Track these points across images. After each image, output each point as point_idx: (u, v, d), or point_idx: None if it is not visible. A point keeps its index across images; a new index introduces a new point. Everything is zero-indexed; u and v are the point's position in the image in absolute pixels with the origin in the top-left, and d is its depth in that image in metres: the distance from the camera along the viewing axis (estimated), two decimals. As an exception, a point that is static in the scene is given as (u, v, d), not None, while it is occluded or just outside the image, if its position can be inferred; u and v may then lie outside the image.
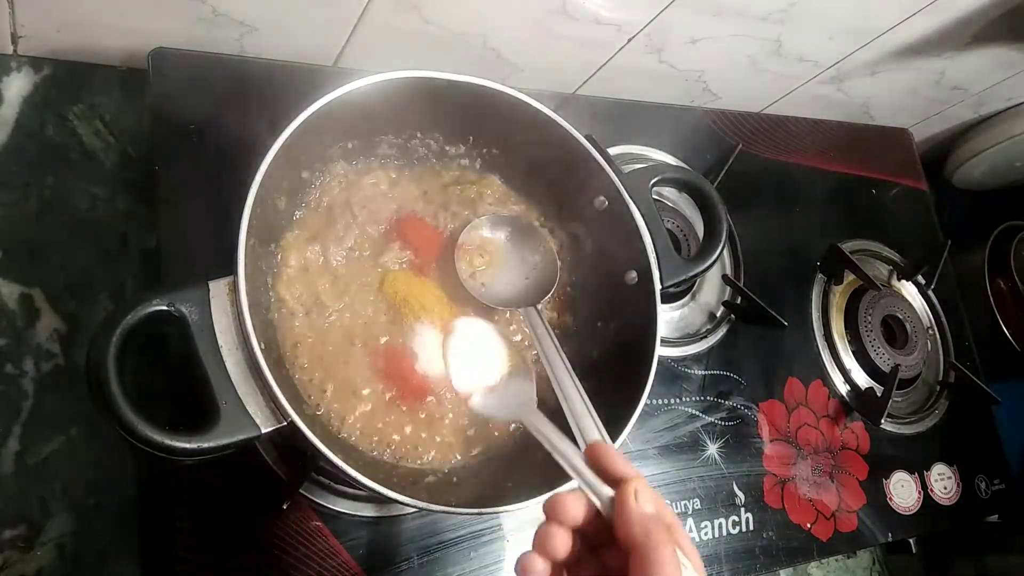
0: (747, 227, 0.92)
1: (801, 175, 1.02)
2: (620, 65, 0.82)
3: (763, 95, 0.98)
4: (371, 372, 0.56)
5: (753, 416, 0.84)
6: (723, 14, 0.76)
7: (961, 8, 0.82)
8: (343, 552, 0.60)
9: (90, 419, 0.56)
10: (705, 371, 0.83)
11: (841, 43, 0.86)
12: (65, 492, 0.54)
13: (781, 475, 0.83)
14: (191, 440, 0.41)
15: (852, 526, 0.85)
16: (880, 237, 1.04)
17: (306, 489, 0.59)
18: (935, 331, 1.03)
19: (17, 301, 0.57)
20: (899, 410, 0.96)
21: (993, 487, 0.98)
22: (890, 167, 1.12)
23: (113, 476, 0.55)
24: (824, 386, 0.91)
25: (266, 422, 0.43)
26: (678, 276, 0.59)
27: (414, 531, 0.63)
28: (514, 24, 0.72)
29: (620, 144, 0.87)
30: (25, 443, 0.54)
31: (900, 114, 1.12)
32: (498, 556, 0.65)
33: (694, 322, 0.86)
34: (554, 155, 0.60)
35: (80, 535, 0.54)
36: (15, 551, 0.52)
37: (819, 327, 0.94)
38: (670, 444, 0.78)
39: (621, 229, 0.59)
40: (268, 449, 0.59)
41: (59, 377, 0.56)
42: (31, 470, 0.54)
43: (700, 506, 0.77)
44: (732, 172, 0.91)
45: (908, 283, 1.04)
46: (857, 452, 0.89)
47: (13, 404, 0.55)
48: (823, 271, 0.97)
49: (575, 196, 0.62)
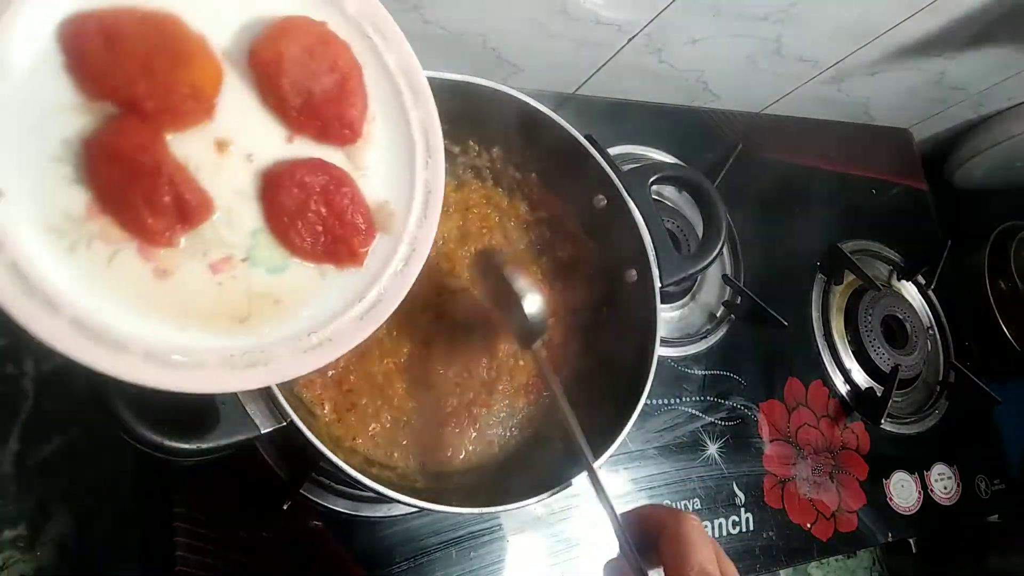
0: (747, 227, 0.92)
1: (801, 175, 1.02)
2: (620, 65, 0.82)
3: (763, 95, 0.98)
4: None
5: (753, 416, 0.84)
6: (723, 14, 0.76)
7: (961, 8, 0.82)
8: (343, 552, 0.60)
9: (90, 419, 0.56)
10: (705, 371, 0.83)
11: (841, 43, 0.86)
12: (65, 492, 0.54)
13: (781, 475, 0.83)
14: (190, 440, 0.41)
15: (852, 526, 0.85)
16: (880, 237, 1.04)
17: (306, 489, 0.59)
18: (935, 331, 1.03)
19: (17, 301, 0.57)
20: (899, 410, 0.96)
21: (993, 487, 0.98)
22: (890, 167, 1.12)
23: (113, 476, 0.55)
24: (824, 386, 0.91)
25: (265, 422, 0.43)
26: (678, 274, 0.59)
27: (414, 531, 0.63)
28: (514, 24, 0.72)
29: (620, 144, 0.87)
30: (25, 443, 0.54)
31: (900, 114, 1.12)
32: (498, 556, 0.65)
33: (694, 322, 0.86)
34: (554, 155, 0.60)
35: (80, 535, 0.54)
36: (15, 551, 0.52)
37: (819, 327, 0.94)
38: (670, 444, 0.78)
39: (620, 227, 0.59)
40: (268, 449, 0.59)
41: (59, 377, 0.56)
42: (31, 470, 0.54)
43: (700, 506, 0.77)
44: (732, 172, 0.91)
45: (908, 283, 1.04)
46: (857, 452, 0.89)
47: (13, 404, 0.55)
48: (823, 271, 0.97)
49: (574, 195, 0.62)
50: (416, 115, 0.41)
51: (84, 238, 0.31)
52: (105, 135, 0.32)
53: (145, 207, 0.32)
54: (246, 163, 0.36)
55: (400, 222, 0.40)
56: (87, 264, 0.32)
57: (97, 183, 0.32)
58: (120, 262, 0.32)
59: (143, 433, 0.39)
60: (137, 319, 0.32)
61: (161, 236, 0.33)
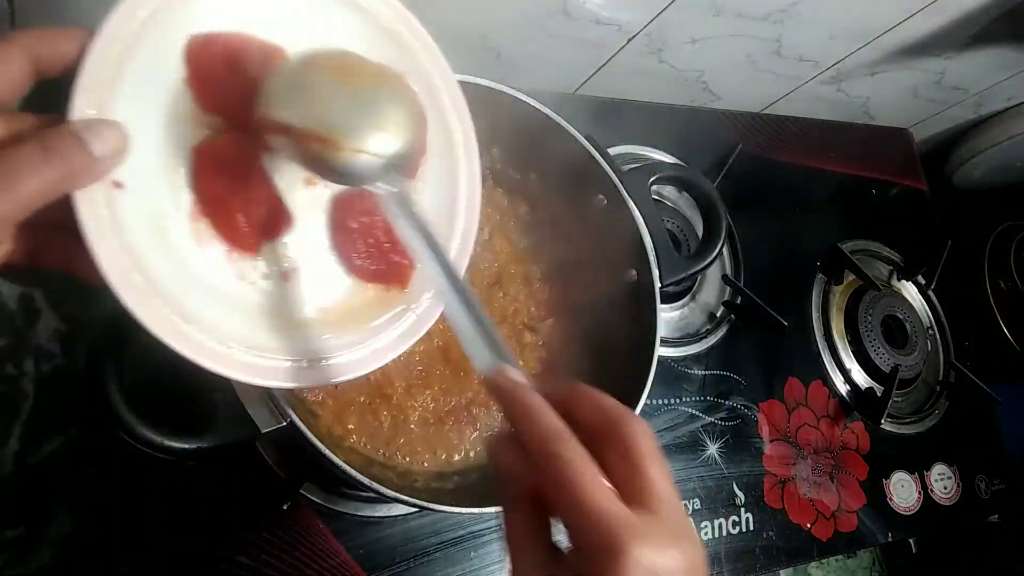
0: (747, 227, 0.92)
1: (801, 175, 1.02)
2: (620, 65, 0.82)
3: (763, 95, 0.98)
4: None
5: (753, 416, 0.84)
6: (723, 14, 0.76)
7: (961, 8, 0.82)
8: (343, 552, 0.60)
9: (90, 419, 0.56)
10: (705, 371, 0.83)
11: (841, 43, 0.86)
12: (65, 492, 0.54)
13: (781, 475, 0.83)
14: (190, 440, 0.41)
15: (852, 526, 0.85)
16: (880, 237, 1.04)
17: (306, 489, 0.59)
18: (935, 331, 1.03)
19: (17, 301, 0.57)
20: (899, 410, 0.96)
21: (993, 487, 0.98)
22: (890, 167, 1.12)
23: (113, 476, 0.55)
24: (824, 386, 0.91)
25: (265, 422, 0.43)
26: (678, 274, 0.59)
27: (414, 531, 0.63)
28: (514, 24, 0.72)
29: (620, 144, 0.87)
30: (25, 443, 0.54)
31: (900, 114, 1.12)
32: (498, 556, 0.65)
33: (694, 322, 0.86)
34: (554, 155, 0.60)
35: (80, 535, 0.54)
36: (15, 551, 0.52)
37: (819, 327, 0.94)
38: (670, 444, 0.78)
39: (620, 227, 0.59)
40: (268, 449, 0.59)
41: (59, 377, 0.56)
42: (31, 470, 0.54)
43: (700, 506, 0.77)
44: (732, 172, 0.91)
45: (908, 283, 1.04)
46: (857, 452, 0.89)
47: (13, 404, 0.55)
48: (823, 271, 0.97)
49: (574, 195, 0.62)
50: (463, 160, 0.43)
51: (185, 236, 0.34)
52: (215, 147, 0.35)
53: (243, 216, 0.35)
54: (322, 186, 0.38)
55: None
56: (183, 258, 0.34)
57: (201, 188, 0.34)
58: (208, 261, 0.35)
59: (143, 433, 0.39)
60: (220, 312, 0.35)
61: (250, 243, 0.36)
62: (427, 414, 0.57)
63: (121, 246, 0.31)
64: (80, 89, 0.30)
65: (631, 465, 0.28)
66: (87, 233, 0.30)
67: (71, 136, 0.29)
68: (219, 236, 0.35)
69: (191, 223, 0.34)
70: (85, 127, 0.30)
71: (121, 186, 0.32)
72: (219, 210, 0.35)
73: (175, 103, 0.34)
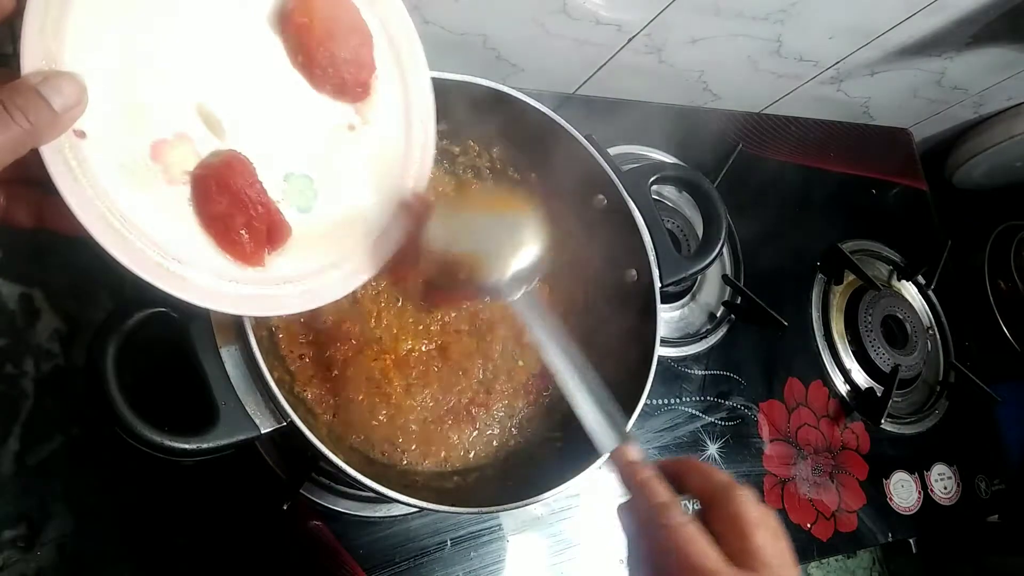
0: (747, 227, 0.92)
1: (801, 175, 1.02)
2: (620, 65, 0.82)
3: (763, 95, 0.98)
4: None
5: (753, 416, 0.84)
6: (723, 14, 0.76)
7: (961, 8, 0.82)
8: (343, 552, 0.60)
9: (90, 419, 0.56)
10: (705, 371, 0.83)
11: (841, 43, 0.86)
12: (65, 492, 0.54)
13: (781, 475, 0.83)
14: (190, 441, 0.41)
15: (852, 526, 0.85)
16: (880, 237, 1.04)
17: (306, 489, 0.59)
18: (935, 331, 1.03)
19: (17, 301, 0.57)
20: (899, 410, 0.96)
21: (993, 487, 0.98)
22: (890, 167, 1.12)
23: (113, 476, 0.55)
24: (824, 386, 0.91)
25: (265, 422, 0.43)
26: (678, 273, 0.59)
27: (414, 531, 0.63)
28: (514, 24, 0.72)
29: (620, 144, 0.87)
30: (25, 443, 0.54)
31: (900, 114, 1.12)
32: (498, 556, 0.65)
33: (694, 322, 0.86)
34: (554, 155, 0.60)
35: (80, 535, 0.54)
36: (15, 551, 0.52)
37: (819, 327, 0.94)
38: (670, 444, 0.78)
39: (620, 227, 0.59)
40: (268, 449, 0.59)
41: (59, 377, 0.56)
42: (31, 470, 0.54)
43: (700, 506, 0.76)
44: (732, 172, 0.91)
45: (908, 283, 1.04)
46: (857, 452, 0.89)
47: (13, 404, 0.55)
48: (823, 271, 0.97)
49: (574, 195, 0.62)
50: (414, 80, 0.46)
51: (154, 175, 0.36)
52: (214, 170, 0.37)
53: (246, 233, 0.38)
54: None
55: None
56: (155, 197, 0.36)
57: (204, 210, 0.37)
58: (179, 197, 0.37)
59: (143, 433, 0.39)
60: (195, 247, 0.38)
61: (255, 258, 0.39)
62: (426, 413, 0.57)
63: (94, 192, 0.32)
64: (27, 38, 0.30)
65: (738, 532, 0.33)
66: (59, 184, 0.31)
67: (31, 92, 0.29)
68: (223, 252, 0.38)
69: (154, 163, 0.35)
70: (42, 81, 0.29)
71: (84, 135, 0.32)
72: (222, 228, 0.38)
73: (123, 42, 0.34)
